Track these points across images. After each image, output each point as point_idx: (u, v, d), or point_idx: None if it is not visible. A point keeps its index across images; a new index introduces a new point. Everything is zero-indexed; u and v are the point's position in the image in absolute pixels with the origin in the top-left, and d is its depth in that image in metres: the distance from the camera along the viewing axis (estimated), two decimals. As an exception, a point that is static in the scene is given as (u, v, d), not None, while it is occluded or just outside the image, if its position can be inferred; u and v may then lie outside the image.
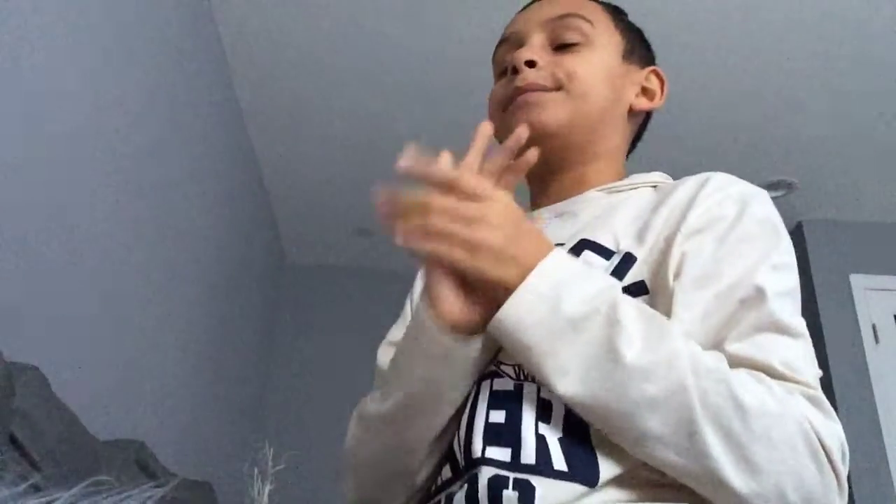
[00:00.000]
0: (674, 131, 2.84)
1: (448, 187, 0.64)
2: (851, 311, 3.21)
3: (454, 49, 2.57)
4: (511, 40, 0.87)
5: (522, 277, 0.62)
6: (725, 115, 2.84)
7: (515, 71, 0.82)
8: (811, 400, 0.60)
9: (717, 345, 0.63)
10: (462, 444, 0.66)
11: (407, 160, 0.64)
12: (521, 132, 0.70)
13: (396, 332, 0.87)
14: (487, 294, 0.64)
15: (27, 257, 1.49)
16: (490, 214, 0.63)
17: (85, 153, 1.72)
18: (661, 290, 0.66)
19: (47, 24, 1.54)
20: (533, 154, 0.71)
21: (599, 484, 0.59)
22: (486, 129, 0.71)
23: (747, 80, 2.67)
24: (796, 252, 0.73)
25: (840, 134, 2.91)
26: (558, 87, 0.81)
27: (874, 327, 3.18)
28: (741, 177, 0.73)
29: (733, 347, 0.62)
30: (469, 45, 2.51)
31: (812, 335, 0.66)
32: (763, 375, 0.60)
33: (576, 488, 0.59)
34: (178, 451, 2.30)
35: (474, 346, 0.66)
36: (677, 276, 0.66)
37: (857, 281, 3.27)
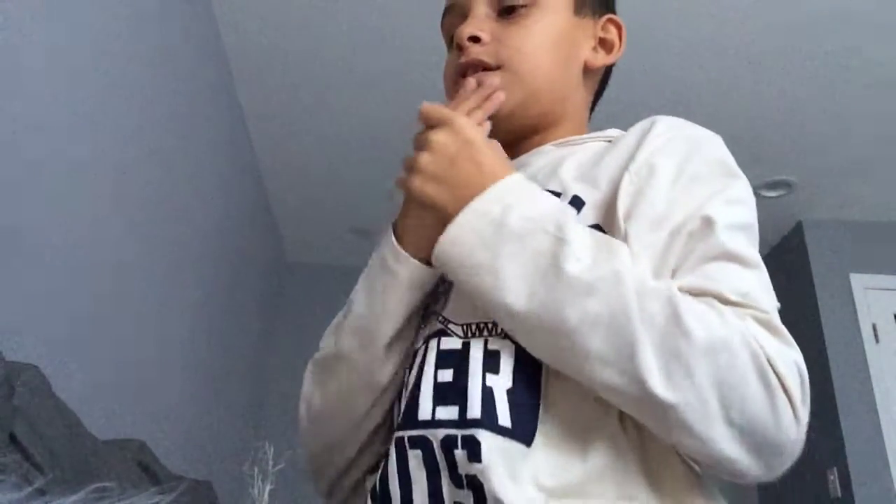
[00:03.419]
0: (674, 131, 2.84)
1: (423, 120, 0.68)
2: (851, 311, 3.21)
3: (454, 49, 2.57)
4: (455, 10, 0.84)
5: (456, 201, 0.63)
6: (725, 115, 2.84)
7: (462, 47, 0.79)
8: (764, 325, 0.58)
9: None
10: (406, 405, 0.65)
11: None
12: (499, 96, 0.73)
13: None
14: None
15: (27, 257, 1.49)
16: (436, 137, 0.66)
17: (85, 153, 1.72)
18: (614, 231, 0.65)
19: (48, 25, 1.54)
20: (499, 96, 0.73)
21: (534, 444, 0.58)
22: (471, 84, 0.75)
23: (747, 79, 2.67)
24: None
25: (840, 134, 2.91)
26: (501, 65, 0.77)
27: (874, 327, 3.18)
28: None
29: (683, 280, 0.60)
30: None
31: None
32: (713, 300, 0.58)
33: (517, 446, 0.58)
34: (178, 451, 2.30)
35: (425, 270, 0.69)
36: (629, 216, 0.65)
37: (857, 281, 3.28)
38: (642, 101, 2.75)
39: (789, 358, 0.57)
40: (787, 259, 3.49)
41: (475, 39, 0.78)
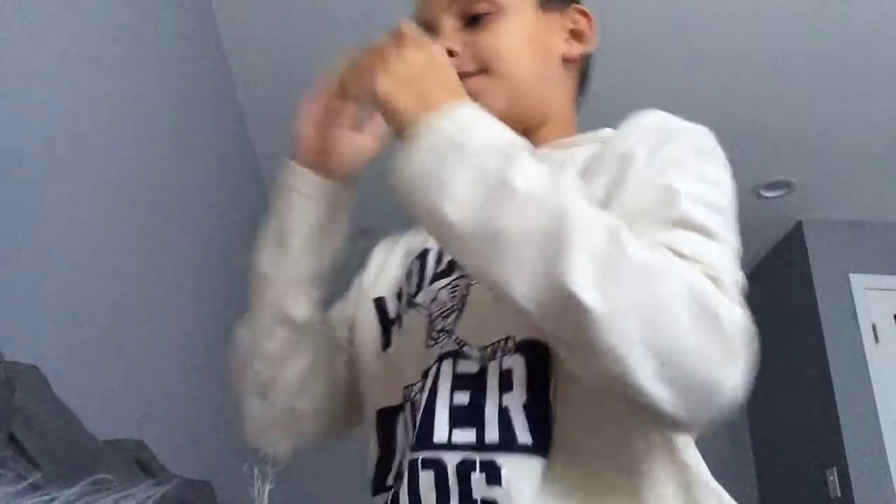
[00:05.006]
0: (674, 131, 2.84)
1: (395, 36, 0.70)
2: (851, 311, 3.21)
3: (454, 49, 2.58)
4: (422, 27, 0.84)
5: (418, 108, 0.63)
6: (725, 115, 2.84)
7: None
8: (713, 280, 0.55)
9: None
10: (418, 425, 0.64)
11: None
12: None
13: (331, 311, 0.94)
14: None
15: (27, 257, 1.49)
16: (412, 49, 0.67)
17: (84, 152, 1.72)
18: None
19: (47, 23, 1.55)
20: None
21: (551, 452, 0.59)
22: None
23: (747, 79, 2.67)
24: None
25: (839, 134, 2.91)
26: (482, 70, 0.79)
27: (874, 327, 3.18)
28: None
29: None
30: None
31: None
32: (664, 249, 0.56)
33: (540, 462, 0.59)
34: (178, 451, 2.30)
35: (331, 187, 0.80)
36: (609, 196, 0.65)
37: (857, 281, 3.28)
38: (643, 102, 2.74)
39: (735, 312, 0.54)
40: (787, 259, 3.49)
41: (450, 54, 0.78)
